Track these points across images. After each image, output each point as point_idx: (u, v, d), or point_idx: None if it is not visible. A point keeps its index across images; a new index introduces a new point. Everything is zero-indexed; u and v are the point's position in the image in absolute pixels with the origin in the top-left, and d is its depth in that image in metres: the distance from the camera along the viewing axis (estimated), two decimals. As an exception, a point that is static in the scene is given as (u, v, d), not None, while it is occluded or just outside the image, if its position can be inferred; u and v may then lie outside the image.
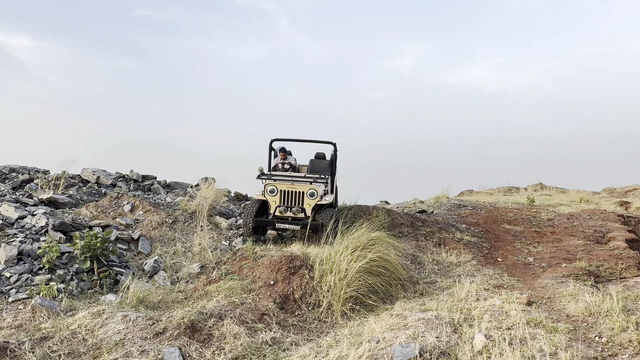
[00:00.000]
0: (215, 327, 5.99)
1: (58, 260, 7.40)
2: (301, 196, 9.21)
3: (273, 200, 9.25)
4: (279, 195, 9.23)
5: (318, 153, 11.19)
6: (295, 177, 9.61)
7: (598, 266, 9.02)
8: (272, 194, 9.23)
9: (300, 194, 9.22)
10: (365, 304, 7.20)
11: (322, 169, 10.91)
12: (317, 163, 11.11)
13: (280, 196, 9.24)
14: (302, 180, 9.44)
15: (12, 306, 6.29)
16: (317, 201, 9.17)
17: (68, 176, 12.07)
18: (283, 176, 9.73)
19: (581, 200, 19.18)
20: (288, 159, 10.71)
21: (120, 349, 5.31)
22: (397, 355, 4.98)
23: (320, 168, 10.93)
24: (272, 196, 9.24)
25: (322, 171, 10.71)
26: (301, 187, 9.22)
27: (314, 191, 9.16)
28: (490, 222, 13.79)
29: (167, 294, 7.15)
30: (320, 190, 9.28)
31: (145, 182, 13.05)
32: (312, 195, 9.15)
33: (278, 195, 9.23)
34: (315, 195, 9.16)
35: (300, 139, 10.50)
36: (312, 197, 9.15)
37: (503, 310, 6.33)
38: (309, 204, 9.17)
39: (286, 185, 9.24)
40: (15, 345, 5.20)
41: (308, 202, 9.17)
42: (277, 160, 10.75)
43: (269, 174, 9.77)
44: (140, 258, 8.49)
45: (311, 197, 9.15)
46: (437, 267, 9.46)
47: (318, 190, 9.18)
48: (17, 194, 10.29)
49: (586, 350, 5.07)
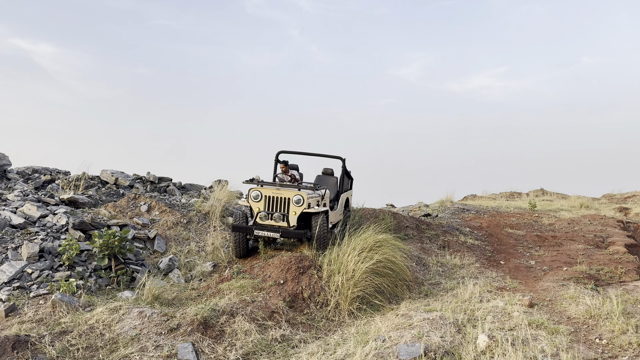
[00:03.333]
0: (227, 324, 6.13)
1: (77, 257, 7.58)
2: (286, 203, 8.32)
3: (257, 207, 8.40)
4: (263, 201, 8.40)
5: (326, 169, 10.46)
6: (283, 184, 8.75)
7: (598, 270, 9.09)
8: (256, 200, 8.38)
9: (286, 200, 8.32)
10: (371, 304, 7.33)
11: (329, 186, 10.11)
12: (324, 179, 10.34)
13: (265, 202, 8.40)
14: (289, 186, 8.57)
15: (34, 301, 6.46)
16: (303, 209, 8.24)
17: (88, 177, 12.29)
18: (270, 183, 8.87)
19: (581, 206, 19.22)
20: (291, 173, 9.91)
21: (135, 344, 5.44)
22: (402, 354, 5.06)
23: (327, 185, 10.13)
24: (255, 202, 8.40)
25: (328, 188, 9.83)
26: (287, 193, 8.32)
27: (301, 198, 8.23)
28: (493, 226, 13.89)
29: (181, 292, 7.29)
30: (308, 198, 8.35)
31: (161, 183, 13.26)
32: (298, 202, 8.23)
33: (262, 202, 8.40)
34: (302, 202, 8.22)
35: (307, 152, 9.71)
36: (297, 204, 8.24)
37: (506, 311, 6.45)
38: (294, 211, 8.28)
39: (271, 190, 8.39)
40: (36, 339, 5.36)
41: (294, 209, 8.28)
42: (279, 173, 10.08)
43: (257, 181, 8.84)
44: (155, 256, 8.63)
45: (297, 204, 8.24)
46: (442, 269, 9.57)
47: (305, 197, 8.23)
48: (39, 193, 10.49)
49: (587, 351, 5.16)
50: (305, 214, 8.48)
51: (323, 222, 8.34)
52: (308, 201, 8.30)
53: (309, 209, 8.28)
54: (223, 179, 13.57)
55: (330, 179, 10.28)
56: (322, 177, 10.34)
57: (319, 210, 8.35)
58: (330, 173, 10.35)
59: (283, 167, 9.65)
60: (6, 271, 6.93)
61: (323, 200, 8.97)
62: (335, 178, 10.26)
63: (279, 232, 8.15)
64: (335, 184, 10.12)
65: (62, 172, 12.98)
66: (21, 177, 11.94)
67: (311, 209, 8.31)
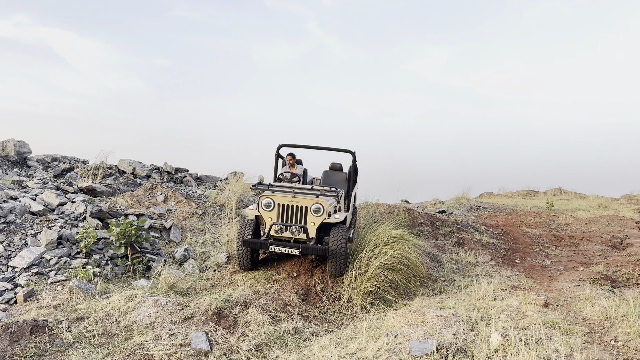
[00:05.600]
0: (240, 315, 6.18)
1: (94, 245, 7.69)
2: (304, 212, 7.30)
3: (269, 217, 7.33)
4: (276, 211, 7.32)
5: (334, 164, 9.30)
6: (299, 188, 7.80)
7: (615, 271, 8.97)
8: (268, 209, 7.32)
9: (303, 209, 7.29)
10: (384, 299, 7.33)
11: (338, 182, 9.09)
12: (331, 175, 9.22)
13: (278, 211, 7.33)
14: (306, 192, 7.55)
15: (51, 287, 6.59)
16: (323, 219, 7.29)
17: (106, 166, 12.45)
18: (284, 187, 7.84)
19: (599, 206, 18.98)
20: (297, 168, 8.95)
21: (150, 332, 5.52)
22: (414, 350, 5.03)
23: (336, 181, 9.13)
24: (267, 211, 7.33)
25: (337, 185, 8.95)
26: (304, 201, 7.29)
27: (320, 206, 7.24)
28: (509, 225, 13.78)
29: (195, 281, 7.37)
30: (328, 206, 7.39)
31: (178, 174, 13.39)
32: (318, 211, 7.25)
33: (275, 211, 7.32)
34: (322, 211, 7.25)
35: (312, 146, 8.43)
36: (317, 213, 7.25)
37: (520, 310, 6.40)
38: (312, 222, 7.30)
39: (286, 198, 7.31)
40: (53, 324, 5.48)
41: (312, 219, 7.29)
42: (285, 168, 9.02)
43: (267, 185, 7.88)
44: (171, 246, 8.71)
45: (316, 214, 7.26)
46: (456, 266, 9.53)
47: (325, 206, 7.28)
48: (58, 181, 10.67)
49: (601, 353, 5.09)
50: (323, 224, 7.52)
51: (342, 236, 7.32)
52: (328, 210, 7.38)
53: (328, 218, 7.35)
54: (239, 170, 13.64)
55: (339, 175, 9.20)
56: (330, 172, 9.23)
57: (339, 220, 7.39)
58: (339, 168, 9.29)
59: (290, 160, 8.84)
60: (25, 257, 7.06)
61: (339, 205, 7.94)
62: (345, 174, 9.18)
63: (299, 249, 7.16)
64: (344, 181, 9.08)
65: (81, 160, 13.17)
66: (41, 165, 12.14)
67: (331, 219, 7.36)
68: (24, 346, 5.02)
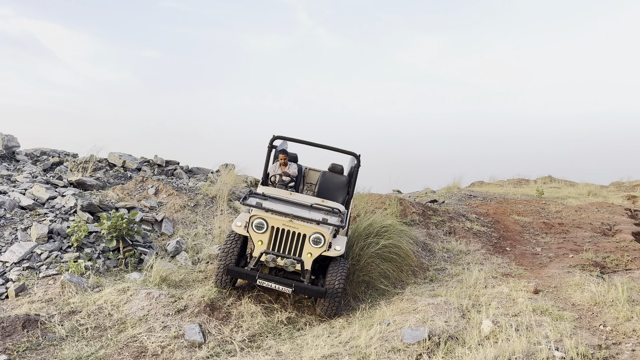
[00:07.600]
0: (233, 306, 6.24)
1: (86, 239, 7.64)
2: (300, 240, 6.28)
3: (259, 240, 6.28)
4: (268, 234, 6.27)
5: (334, 165, 7.99)
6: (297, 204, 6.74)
7: (604, 258, 9.10)
8: (260, 231, 6.26)
9: (300, 237, 6.27)
10: (376, 288, 7.39)
11: (338, 187, 7.78)
12: (331, 178, 7.89)
13: (271, 235, 6.28)
14: (306, 218, 6.24)
15: (43, 281, 6.54)
16: (322, 251, 6.27)
17: (96, 160, 12.34)
18: (278, 199, 6.79)
19: (589, 194, 19.16)
20: (290, 167, 7.84)
21: (143, 324, 5.52)
22: (406, 338, 5.09)
23: (335, 186, 7.80)
24: (258, 233, 6.27)
25: (336, 190, 7.73)
26: (302, 229, 6.22)
27: (321, 237, 6.21)
28: (499, 213, 13.88)
29: (188, 274, 7.36)
30: (329, 235, 6.27)
31: (168, 167, 13.31)
32: (317, 242, 6.22)
33: (267, 234, 6.27)
34: (322, 242, 6.22)
35: (312, 143, 7.27)
36: (316, 244, 6.22)
37: (510, 297, 6.47)
38: (310, 252, 6.27)
39: (281, 222, 6.23)
40: (46, 318, 5.46)
41: (309, 250, 6.26)
42: (275, 166, 7.89)
43: (261, 196, 6.77)
44: (163, 239, 8.69)
45: (315, 245, 6.23)
46: (447, 254, 9.60)
47: (326, 237, 6.21)
48: (47, 175, 10.56)
49: (591, 337, 5.17)
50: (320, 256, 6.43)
51: (342, 275, 6.33)
52: (329, 240, 6.31)
53: (328, 251, 6.32)
54: (230, 162, 13.60)
55: (339, 178, 7.89)
56: (329, 175, 7.96)
57: (339, 253, 6.36)
58: (340, 171, 7.98)
59: (283, 158, 7.75)
60: (16, 252, 7.01)
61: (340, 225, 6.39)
62: (346, 178, 7.89)
63: (292, 287, 6.13)
64: (344, 186, 7.78)
65: (70, 154, 13.04)
66: (30, 159, 12.01)
67: (331, 252, 6.32)
68: (16, 340, 5.00)
